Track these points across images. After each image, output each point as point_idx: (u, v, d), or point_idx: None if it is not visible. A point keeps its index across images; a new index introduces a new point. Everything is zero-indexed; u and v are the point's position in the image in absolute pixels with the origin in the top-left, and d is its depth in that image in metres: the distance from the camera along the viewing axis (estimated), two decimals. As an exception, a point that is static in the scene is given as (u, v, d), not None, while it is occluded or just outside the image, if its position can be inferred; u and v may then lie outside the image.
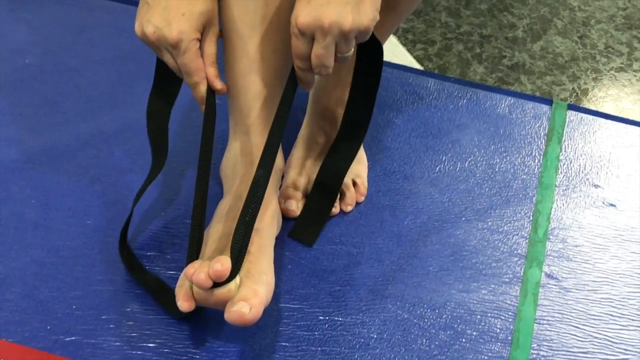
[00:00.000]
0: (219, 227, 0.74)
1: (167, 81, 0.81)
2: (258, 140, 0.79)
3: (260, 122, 0.76)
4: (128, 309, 0.79)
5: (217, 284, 0.67)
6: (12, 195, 0.89)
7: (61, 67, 1.06)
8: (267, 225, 0.76)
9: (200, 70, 0.73)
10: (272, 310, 0.80)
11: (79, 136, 0.96)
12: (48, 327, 0.77)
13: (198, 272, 0.66)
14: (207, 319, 0.79)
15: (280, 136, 0.73)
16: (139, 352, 0.75)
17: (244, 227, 0.70)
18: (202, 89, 0.74)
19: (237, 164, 0.79)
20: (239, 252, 0.69)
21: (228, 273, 0.67)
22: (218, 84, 0.75)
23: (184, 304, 0.69)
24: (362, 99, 0.83)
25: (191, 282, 0.68)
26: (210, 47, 0.74)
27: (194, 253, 0.71)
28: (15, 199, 0.88)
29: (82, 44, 1.09)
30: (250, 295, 0.67)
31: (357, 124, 0.85)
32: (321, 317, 0.80)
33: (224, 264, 0.66)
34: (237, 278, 0.69)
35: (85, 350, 0.75)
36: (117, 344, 0.76)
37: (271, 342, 0.77)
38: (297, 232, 0.87)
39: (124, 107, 1.00)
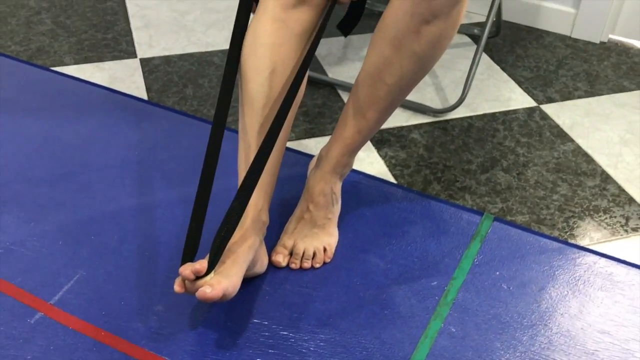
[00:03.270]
0: None
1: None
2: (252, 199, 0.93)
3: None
4: (156, 308, 0.95)
5: (198, 277, 0.83)
6: (104, 231, 1.09)
7: (156, 159, 1.26)
8: (244, 252, 0.88)
9: None
10: (248, 323, 0.94)
11: (157, 203, 1.15)
12: (103, 312, 0.94)
13: (186, 270, 0.82)
14: (200, 320, 0.94)
15: (254, 185, 0.86)
16: (156, 335, 0.91)
17: (219, 240, 0.84)
18: None
19: None
20: (214, 256, 0.84)
21: (205, 271, 0.82)
22: None
23: (177, 288, 0.83)
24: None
25: (182, 276, 0.83)
26: None
27: (186, 259, 0.86)
28: (105, 234, 1.08)
29: (173, 144, 1.30)
30: (215, 283, 0.81)
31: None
32: (280, 332, 0.93)
33: (202, 264, 0.82)
34: (212, 274, 0.84)
35: (122, 328, 0.92)
36: (143, 329, 0.92)
37: (242, 341, 0.91)
38: (341, 25, 1.09)
39: (191, 188, 1.19)
